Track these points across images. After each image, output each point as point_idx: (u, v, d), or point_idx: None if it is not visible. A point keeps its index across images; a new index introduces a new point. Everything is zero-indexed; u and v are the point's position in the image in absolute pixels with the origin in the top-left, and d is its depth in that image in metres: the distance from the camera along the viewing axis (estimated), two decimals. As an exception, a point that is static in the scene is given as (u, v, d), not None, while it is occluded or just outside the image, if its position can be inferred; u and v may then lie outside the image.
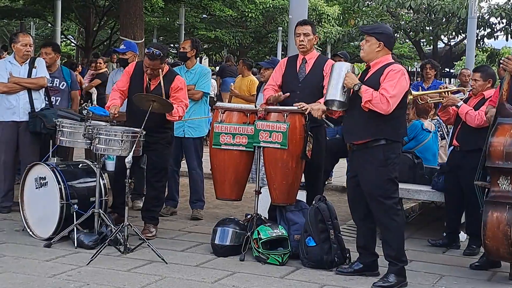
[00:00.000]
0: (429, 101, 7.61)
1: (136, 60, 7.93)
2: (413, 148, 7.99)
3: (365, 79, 5.64)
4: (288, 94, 6.56)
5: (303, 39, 6.71)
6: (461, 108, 6.81)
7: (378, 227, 5.76)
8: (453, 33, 28.61)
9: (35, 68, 7.58)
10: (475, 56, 25.30)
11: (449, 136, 9.00)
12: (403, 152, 7.56)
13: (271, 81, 6.89)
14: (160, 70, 6.74)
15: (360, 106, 5.55)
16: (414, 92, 7.42)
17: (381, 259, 5.85)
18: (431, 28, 28.11)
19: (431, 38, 30.08)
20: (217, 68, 22.82)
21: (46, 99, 7.93)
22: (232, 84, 12.77)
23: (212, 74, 13.94)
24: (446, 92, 7.09)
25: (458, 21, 25.13)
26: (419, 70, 16.99)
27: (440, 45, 33.61)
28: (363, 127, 5.59)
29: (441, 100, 7.08)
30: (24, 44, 7.67)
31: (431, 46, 33.05)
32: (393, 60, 5.77)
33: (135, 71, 6.92)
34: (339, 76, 5.61)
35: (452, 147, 7.10)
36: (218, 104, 7.04)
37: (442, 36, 30.35)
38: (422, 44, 33.63)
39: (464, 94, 7.31)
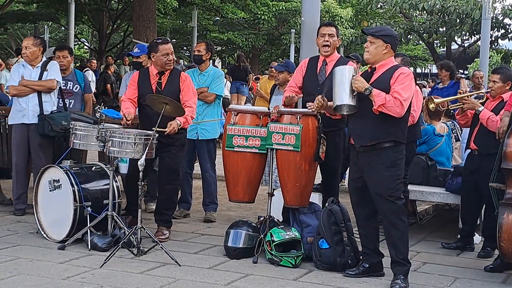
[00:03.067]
0: (451, 107, 7.56)
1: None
2: (425, 152, 7.94)
3: (371, 81, 5.60)
4: (301, 95, 6.53)
5: (328, 39, 6.69)
6: (482, 113, 6.70)
7: (385, 228, 5.73)
8: (467, 34, 28.48)
9: (47, 71, 7.61)
10: (489, 57, 25.18)
11: (462, 136, 8.97)
12: (416, 154, 7.55)
13: (291, 82, 6.89)
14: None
15: (367, 109, 5.52)
16: (436, 100, 7.38)
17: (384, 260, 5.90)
18: (444, 29, 28.00)
19: (445, 39, 29.99)
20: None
21: (61, 101, 7.97)
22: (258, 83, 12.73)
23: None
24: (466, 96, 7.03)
25: (471, 22, 25.00)
26: (433, 72, 16.96)
27: (454, 46, 33.52)
28: (373, 129, 5.57)
29: (462, 105, 7.00)
30: (22, 47, 7.75)
31: (445, 47, 32.95)
32: (397, 63, 5.78)
33: (140, 77, 6.96)
34: (344, 80, 5.56)
35: (469, 150, 7.03)
36: (231, 106, 7.04)
37: (456, 38, 30.25)
38: (435, 45, 33.53)
39: (483, 98, 7.20)
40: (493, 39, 26.16)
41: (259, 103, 11.72)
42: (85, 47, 39.13)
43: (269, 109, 7.24)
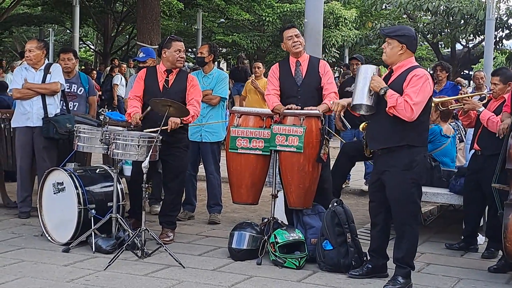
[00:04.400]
0: (451, 107, 7.55)
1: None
2: (430, 152, 7.93)
3: (388, 83, 5.53)
4: (291, 106, 6.49)
5: (297, 40, 6.71)
6: (482, 114, 6.71)
7: (395, 231, 5.72)
8: (471, 35, 28.42)
9: (50, 73, 7.62)
10: (494, 58, 25.13)
11: (466, 138, 8.95)
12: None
13: (271, 86, 6.81)
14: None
15: (382, 112, 5.47)
16: (435, 99, 7.37)
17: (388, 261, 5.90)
18: (449, 30, 27.94)
19: (449, 40, 29.92)
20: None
21: (64, 104, 7.98)
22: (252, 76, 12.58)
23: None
24: (467, 97, 7.03)
25: (476, 22, 24.93)
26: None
27: (459, 47, 33.43)
28: (388, 133, 5.52)
29: (462, 106, 7.00)
30: (25, 50, 7.78)
31: (449, 48, 32.87)
32: (416, 64, 5.63)
33: (148, 75, 6.97)
34: (365, 80, 5.50)
35: (473, 151, 7.03)
36: (235, 108, 7.05)
37: (460, 38, 30.16)
38: (440, 46, 33.46)
39: (485, 99, 7.18)
40: (497, 39, 26.09)
41: (254, 97, 11.66)
42: (91, 50, 39.23)
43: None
